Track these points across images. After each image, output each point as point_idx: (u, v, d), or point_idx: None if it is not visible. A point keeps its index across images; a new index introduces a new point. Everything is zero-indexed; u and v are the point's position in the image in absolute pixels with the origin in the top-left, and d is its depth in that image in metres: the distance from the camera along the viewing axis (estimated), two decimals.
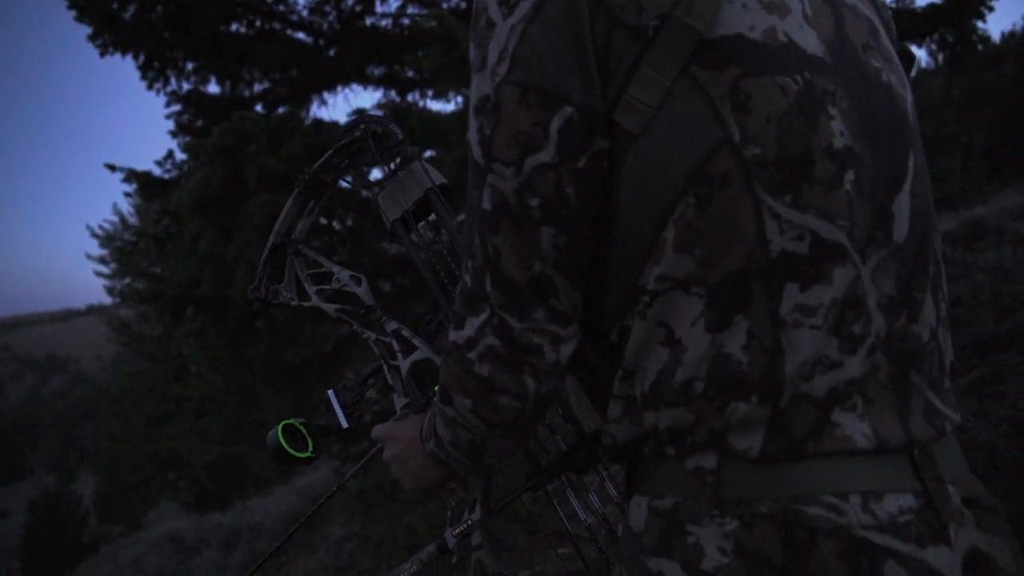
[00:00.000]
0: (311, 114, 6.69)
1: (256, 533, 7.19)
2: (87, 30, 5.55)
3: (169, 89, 5.52)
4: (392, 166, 1.16)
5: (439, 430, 0.87)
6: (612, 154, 0.68)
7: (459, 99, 4.53)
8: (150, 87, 5.34)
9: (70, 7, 5.45)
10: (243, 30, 6.15)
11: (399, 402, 1.11)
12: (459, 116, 3.72)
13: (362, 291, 1.21)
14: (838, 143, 0.66)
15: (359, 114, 1.25)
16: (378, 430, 1.04)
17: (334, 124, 4.63)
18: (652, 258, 0.68)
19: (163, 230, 4.72)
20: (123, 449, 16.75)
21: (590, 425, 0.92)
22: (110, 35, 5.44)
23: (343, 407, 1.19)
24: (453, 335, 0.78)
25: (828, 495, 0.65)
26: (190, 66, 5.85)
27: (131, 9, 5.42)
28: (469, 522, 1.08)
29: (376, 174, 1.35)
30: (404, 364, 1.11)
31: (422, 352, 1.12)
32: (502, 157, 0.69)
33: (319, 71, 6.31)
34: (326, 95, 6.80)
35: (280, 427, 1.14)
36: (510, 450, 0.86)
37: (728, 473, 0.68)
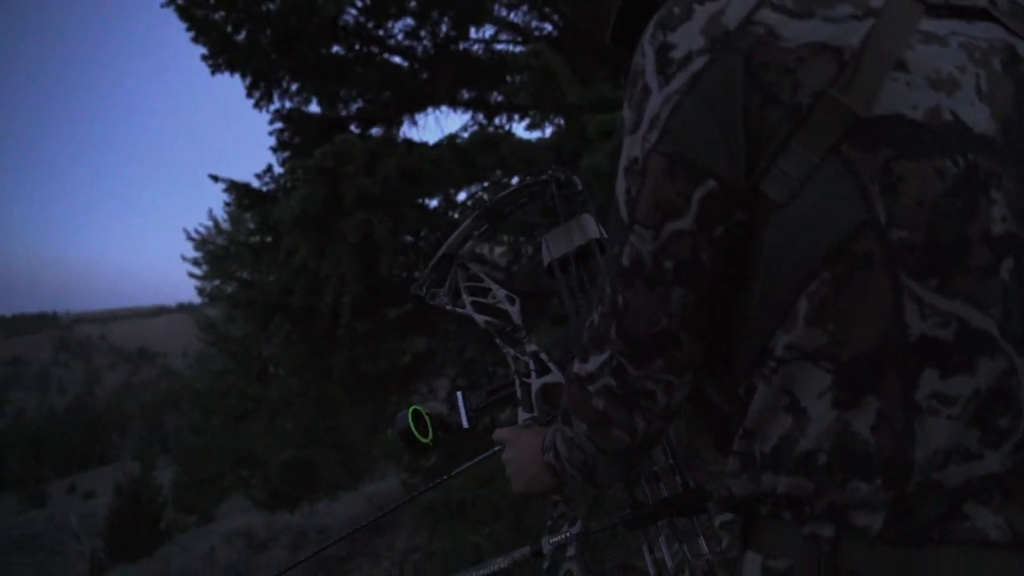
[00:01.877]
0: (402, 134, 6.95)
1: (324, 536, 7.38)
2: (201, 49, 5.95)
3: (273, 108, 5.83)
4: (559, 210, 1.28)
5: (559, 446, 0.95)
6: (755, 222, 0.70)
7: (548, 129, 4.62)
8: (256, 106, 5.65)
9: (189, 29, 5.86)
10: (343, 53, 6.47)
11: (523, 416, 1.20)
12: (551, 145, 3.80)
13: (514, 311, 1.33)
14: (998, 229, 0.64)
15: (542, 166, 1.38)
16: (501, 433, 1.14)
17: (424, 145, 4.80)
18: (783, 326, 0.69)
19: (259, 241, 4.98)
20: (201, 443, 17.53)
21: (709, 467, 0.95)
22: (223, 56, 5.81)
23: (467, 410, 1.29)
24: (577, 367, 0.84)
25: None
26: (293, 87, 6.18)
27: (244, 32, 5.77)
28: (568, 534, 1.14)
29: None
30: (536, 383, 1.21)
31: (555, 376, 1.22)
32: (644, 220, 0.72)
33: (412, 93, 6.55)
34: (417, 116, 7.06)
35: (411, 411, 1.24)
36: (619, 477, 0.93)
37: (846, 545, 0.67)
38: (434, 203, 4.40)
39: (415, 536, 5.54)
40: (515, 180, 4.45)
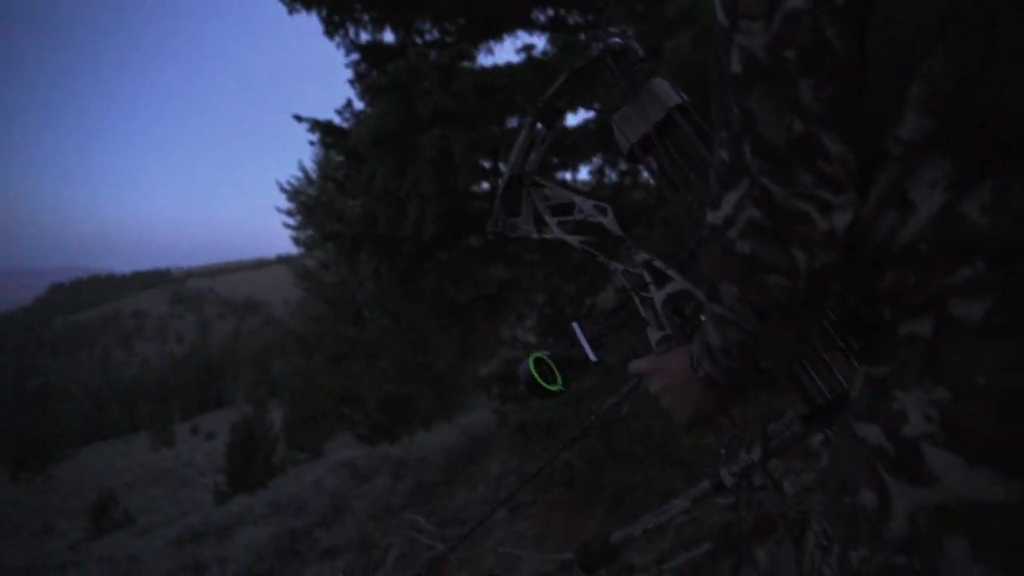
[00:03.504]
0: (478, 64, 6.81)
1: (422, 465, 7.65)
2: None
3: (349, 40, 5.80)
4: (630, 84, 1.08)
5: (711, 339, 0.81)
6: None
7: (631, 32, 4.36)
8: (331, 36, 5.64)
9: None
10: None
11: (654, 335, 1.05)
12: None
13: (608, 221, 1.15)
14: None
15: (596, 31, 1.15)
16: (639, 364, 1.01)
17: (497, 66, 4.66)
18: (896, 117, 0.62)
19: (343, 172, 5.03)
20: (306, 384, 18.58)
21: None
22: None
23: (589, 340, 1.14)
24: (710, 216, 0.72)
25: None
26: (367, 17, 6.12)
27: None
28: (749, 461, 1.02)
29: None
30: (659, 296, 1.05)
31: (677, 283, 1.04)
32: (749, 10, 0.64)
33: (486, 17, 6.36)
34: (493, 44, 6.87)
35: (532, 359, 1.13)
36: (790, 351, 0.79)
37: (945, 341, 0.62)
38: (513, 122, 4.27)
39: (508, 460, 5.63)
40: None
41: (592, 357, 1.14)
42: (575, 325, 1.17)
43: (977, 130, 0.59)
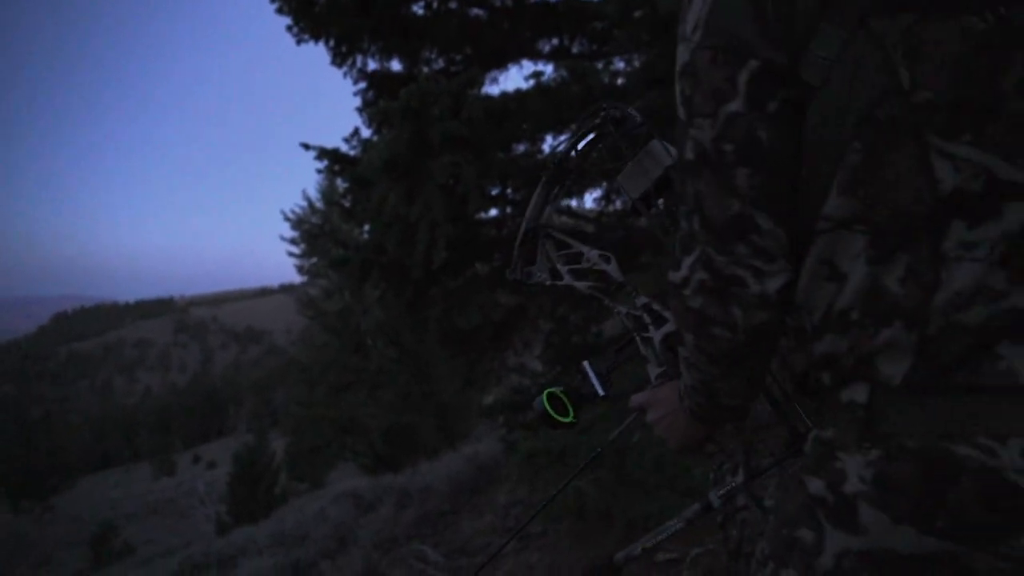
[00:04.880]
0: (484, 92, 6.85)
1: (426, 495, 7.53)
2: (287, 20, 6.02)
3: (356, 68, 5.86)
4: (630, 147, 1.23)
5: (683, 378, 0.94)
6: (798, 105, 0.72)
7: (636, 60, 4.40)
8: (338, 66, 5.70)
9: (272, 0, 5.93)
10: (422, 11, 6.41)
11: (653, 371, 1.16)
12: (643, 68, 3.60)
13: (611, 268, 1.29)
14: None
15: (600, 102, 1.33)
16: (638, 398, 1.14)
17: (506, 93, 4.69)
18: (823, 201, 0.73)
19: (351, 198, 5.03)
20: (308, 414, 18.48)
21: None
22: (306, 21, 5.86)
23: (598, 376, 1.25)
24: (672, 275, 0.84)
25: (983, 436, 0.67)
26: (374, 47, 6.18)
27: None
28: (733, 483, 1.13)
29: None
30: (656, 335, 1.17)
31: (673, 324, 1.15)
32: (700, 111, 0.76)
33: (492, 46, 6.42)
34: (498, 74, 6.93)
35: (545, 394, 1.22)
36: (741, 392, 0.90)
37: (878, 406, 0.73)
38: (521, 148, 4.29)
39: (516, 489, 5.54)
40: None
41: (601, 392, 1.25)
42: (586, 364, 1.28)
43: (888, 212, 0.70)
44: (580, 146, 1.34)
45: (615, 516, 3.43)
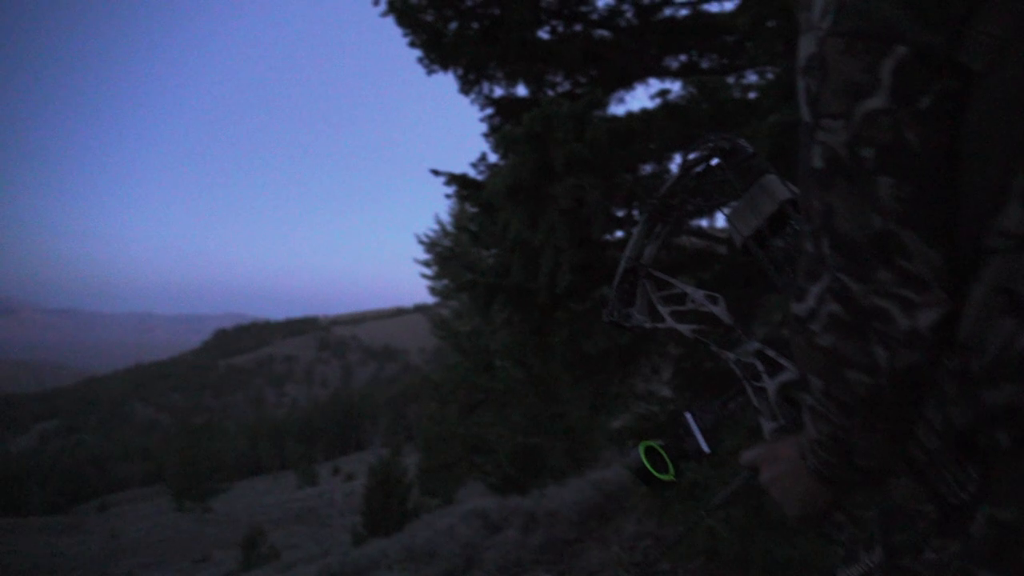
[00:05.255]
0: (609, 112, 6.79)
1: (553, 520, 7.44)
2: (417, 53, 6.27)
3: (483, 95, 5.99)
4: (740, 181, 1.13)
5: (808, 431, 0.79)
6: (957, 98, 0.61)
7: (769, 74, 4.19)
8: (466, 93, 5.85)
9: (405, 34, 6.20)
10: (547, 36, 6.47)
11: (767, 426, 1.03)
12: (775, 83, 3.39)
13: (719, 311, 1.17)
14: None
15: (708, 136, 1.23)
16: (751, 454, 0.99)
17: (631, 113, 4.60)
18: (997, 212, 0.60)
19: (477, 223, 5.13)
20: (440, 431, 18.96)
21: None
22: (436, 53, 6.07)
23: (702, 431, 1.12)
24: (795, 307, 0.72)
25: None
26: (500, 74, 6.30)
27: (452, 26, 5.99)
28: (868, 563, 0.94)
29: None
30: (771, 385, 1.04)
31: (791, 372, 1.03)
32: (830, 110, 0.65)
33: (617, 67, 6.35)
34: (624, 94, 6.84)
35: (643, 448, 1.12)
36: (881, 450, 0.74)
37: None
38: (648, 168, 4.18)
39: (644, 521, 5.34)
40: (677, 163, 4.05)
41: (705, 448, 1.12)
42: (688, 415, 1.15)
43: None
44: (684, 180, 1.24)
45: (752, 560, 3.19)
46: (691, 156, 1.21)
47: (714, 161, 1.20)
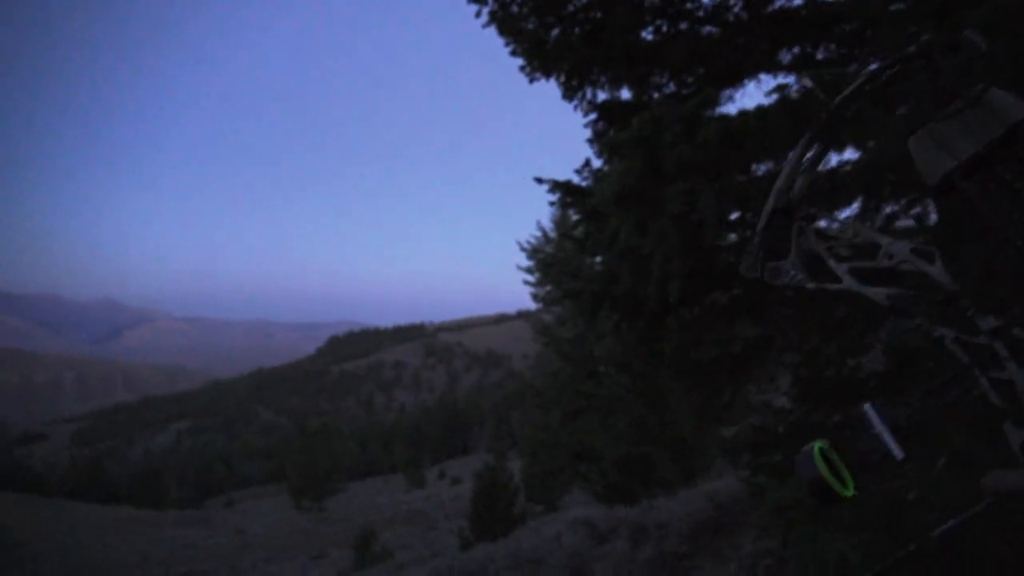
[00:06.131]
0: (719, 112, 6.54)
1: (664, 532, 7.23)
2: (519, 61, 6.28)
3: (586, 100, 5.92)
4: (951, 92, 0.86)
5: None
6: None
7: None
8: (568, 99, 5.79)
9: (507, 44, 6.22)
10: (651, 36, 6.31)
11: (1016, 435, 0.79)
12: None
13: (936, 271, 0.89)
14: None
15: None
16: (1002, 479, 0.77)
17: (744, 111, 4.38)
18: None
19: (583, 230, 5.06)
20: (543, 438, 18.95)
21: None
22: (537, 60, 6.05)
23: (892, 430, 0.85)
24: None
25: None
26: (603, 78, 6.20)
27: (554, 32, 5.96)
28: None
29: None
30: (1020, 378, 0.78)
31: None
32: None
33: (725, 64, 6.11)
34: (733, 92, 6.57)
35: (817, 448, 0.87)
36: None
37: None
38: (763, 169, 3.96)
39: (763, 539, 5.07)
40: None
41: (897, 453, 0.84)
42: (869, 408, 0.88)
43: None
44: (871, 85, 0.96)
45: None
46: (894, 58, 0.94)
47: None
